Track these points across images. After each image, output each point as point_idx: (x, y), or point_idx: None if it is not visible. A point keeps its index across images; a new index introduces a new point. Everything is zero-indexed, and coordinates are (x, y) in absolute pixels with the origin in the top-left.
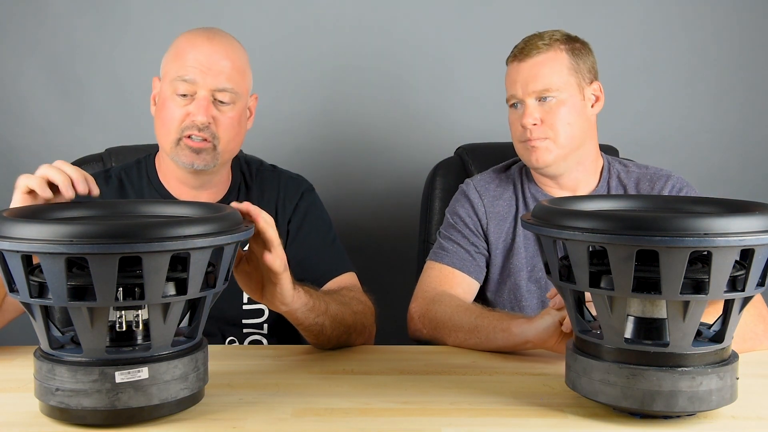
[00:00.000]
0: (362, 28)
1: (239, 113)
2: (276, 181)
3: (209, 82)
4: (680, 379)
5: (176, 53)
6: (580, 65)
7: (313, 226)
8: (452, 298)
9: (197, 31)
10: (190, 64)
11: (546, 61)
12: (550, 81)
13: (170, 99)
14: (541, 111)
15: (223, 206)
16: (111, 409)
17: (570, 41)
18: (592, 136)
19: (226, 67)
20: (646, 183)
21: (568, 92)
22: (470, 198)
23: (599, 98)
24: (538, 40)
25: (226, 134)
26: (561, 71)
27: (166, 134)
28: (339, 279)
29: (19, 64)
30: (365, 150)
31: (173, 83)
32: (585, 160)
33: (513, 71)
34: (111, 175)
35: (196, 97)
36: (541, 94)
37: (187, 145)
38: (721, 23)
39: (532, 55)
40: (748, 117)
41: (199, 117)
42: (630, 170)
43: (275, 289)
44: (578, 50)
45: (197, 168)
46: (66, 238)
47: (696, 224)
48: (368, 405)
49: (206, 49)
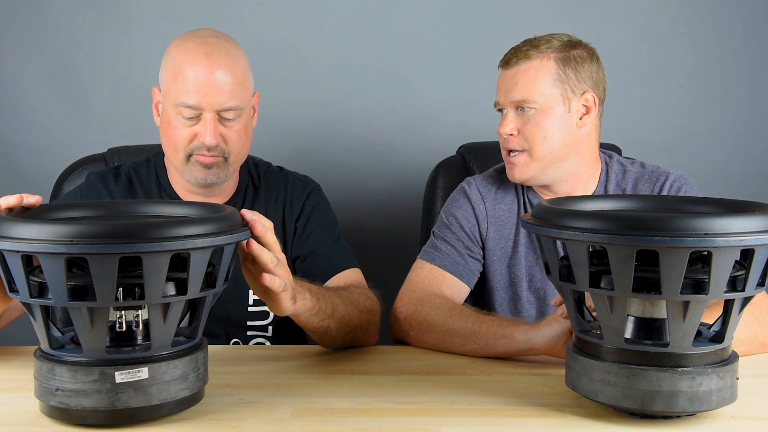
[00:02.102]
0: (363, 26)
1: (246, 123)
2: (284, 182)
3: (213, 103)
4: (680, 379)
5: (175, 73)
6: (570, 75)
7: (318, 224)
8: (443, 300)
9: (193, 44)
10: (191, 87)
11: (529, 70)
12: (529, 91)
13: (175, 120)
14: (519, 121)
15: (223, 206)
16: (111, 409)
17: (566, 48)
18: (581, 148)
19: (228, 84)
20: (644, 183)
21: (550, 104)
22: (471, 199)
23: (590, 110)
24: (528, 47)
25: (235, 147)
26: (544, 82)
27: (175, 152)
28: (343, 274)
29: (20, 64)
30: (367, 149)
31: (177, 107)
32: (576, 170)
33: (499, 77)
34: (120, 172)
35: (201, 119)
36: (519, 104)
37: (198, 161)
38: (723, 23)
39: (518, 63)
40: (749, 117)
41: (207, 139)
42: (627, 171)
43: (274, 302)
44: (573, 59)
45: (210, 182)
46: (66, 238)
47: (696, 224)
48: (368, 405)
49: (206, 67)
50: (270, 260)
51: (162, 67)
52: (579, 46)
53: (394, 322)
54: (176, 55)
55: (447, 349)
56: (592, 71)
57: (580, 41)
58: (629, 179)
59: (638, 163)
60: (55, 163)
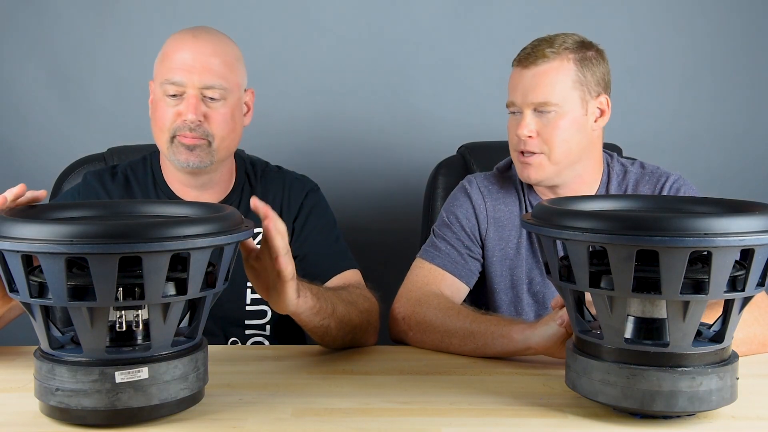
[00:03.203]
0: (363, 26)
1: (232, 109)
2: (281, 182)
3: (196, 80)
4: (680, 379)
5: (164, 55)
6: (588, 77)
7: (316, 224)
8: (441, 300)
9: (183, 32)
10: (177, 65)
11: (550, 72)
12: (550, 94)
13: (161, 100)
14: (539, 123)
15: (223, 206)
16: (111, 409)
17: (582, 49)
18: (592, 150)
19: (213, 64)
20: (645, 184)
21: (570, 106)
22: (472, 198)
23: (604, 112)
24: (547, 46)
25: (219, 130)
26: (564, 84)
27: (160, 134)
28: (342, 275)
29: (20, 64)
30: (367, 149)
31: (163, 86)
32: (584, 172)
33: (516, 76)
34: (117, 171)
35: (184, 96)
36: (539, 107)
37: (181, 142)
38: (723, 23)
39: (537, 63)
40: (749, 117)
41: (189, 115)
42: (628, 171)
43: (279, 295)
44: (589, 60)
45: (193, 166)
46: (66, 238)
47: (696, 224)
48: (368, 405)
49: (191, 47)
50: (283, 246)
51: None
52: (591, 47)
53: (392, 323)
54: (168, 43)
55: (446, 349)
56: (605, 73)
57: (591, 41)
58: (630, 180)
59: (638, 163)
60: (55, 163)
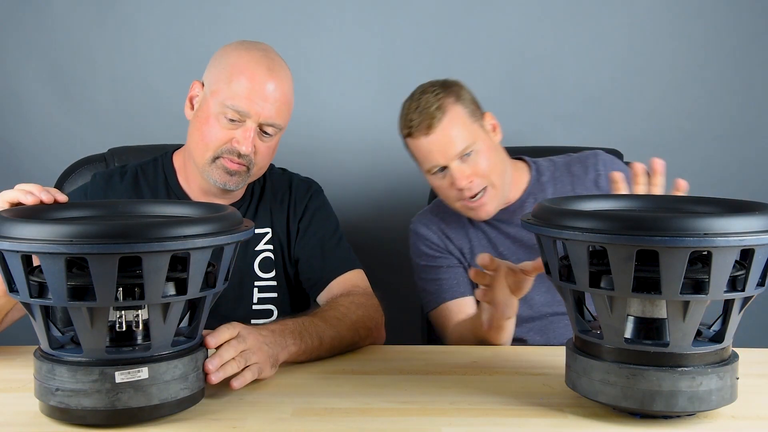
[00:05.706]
0: (363, 26)
1: (277, 141)
2: (287, 184)
3: (261, 115)
4: (680, 379)
5: (232, 75)
6: (470, 107)
7: (320, 226)
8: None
9: (257, 54)
10: (246, 95)
11: (450, 123)
12: (464, 138)
13: (215, 118)
14: (468, 167)
15: (223, 206)
16: (111, 409)
17: (450, 89)
18: (506, 158)
19: (279, 101)
20: (575, 165)
21: (479, 137)
22: (420, 233)
23: (495, 126)
24: (431, 105)
25: (262, 161)
26: (465, 124)
27: (204, 150)
28: (345, 276)
29: (20, 65)
30: (368, 149)
31: (224, 108)
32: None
33: (423, 144)
34: (127, 171)
35: (243, 126)
36: (462, 154)
37: (224, 165)
38: (723, 23)
39: (435, 125)
40: (749, 117)
41: (243, 147)
42: (555, 161)
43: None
44: (458, 94)
45: (228, 188)
46: (66, 238)
47: (696, 224)
48: (368, 405)
49: (265, 82)
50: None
51: (214, 64)
52: (449, 82)
53: None
54: (237, 58)
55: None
56: (472, 96)
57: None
58: (559, 166)
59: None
60: (55, 163)
